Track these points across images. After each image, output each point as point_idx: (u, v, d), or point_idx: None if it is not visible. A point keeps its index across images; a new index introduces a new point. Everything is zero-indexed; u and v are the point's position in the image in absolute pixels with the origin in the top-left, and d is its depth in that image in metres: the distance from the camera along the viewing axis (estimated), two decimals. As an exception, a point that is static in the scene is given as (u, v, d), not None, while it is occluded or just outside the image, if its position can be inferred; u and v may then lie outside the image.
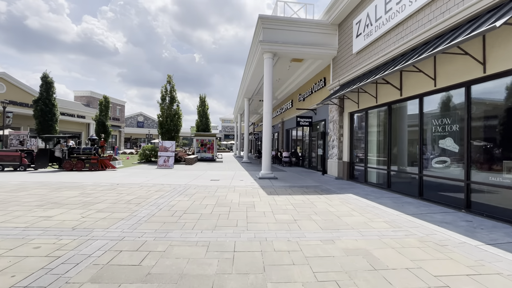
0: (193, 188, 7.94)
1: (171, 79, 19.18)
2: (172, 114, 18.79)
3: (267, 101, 10.93)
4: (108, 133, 33.91)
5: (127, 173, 11.48)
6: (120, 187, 7.85)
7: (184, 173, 12.25)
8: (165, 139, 18.81)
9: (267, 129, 10.97)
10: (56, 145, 12.28)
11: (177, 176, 11.01)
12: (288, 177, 11.31)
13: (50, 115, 25.48)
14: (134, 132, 62.17)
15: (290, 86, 17.19)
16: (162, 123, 18.66)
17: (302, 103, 16.20)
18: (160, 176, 10.86)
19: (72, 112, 35.16)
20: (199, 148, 22.57)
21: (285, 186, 8.75)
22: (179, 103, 19.36)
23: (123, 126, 50.12)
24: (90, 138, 12.58)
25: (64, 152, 11.96)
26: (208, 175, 11.45)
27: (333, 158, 11.14)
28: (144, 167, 14.98)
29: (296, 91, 17.68)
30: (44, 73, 25.67)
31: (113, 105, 45.90)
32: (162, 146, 15.10)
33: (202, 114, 27.29)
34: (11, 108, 26.54)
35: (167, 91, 18.88)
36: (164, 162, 14.85)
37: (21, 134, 19.31)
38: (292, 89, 17.66)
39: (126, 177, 10.31)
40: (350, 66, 10.01)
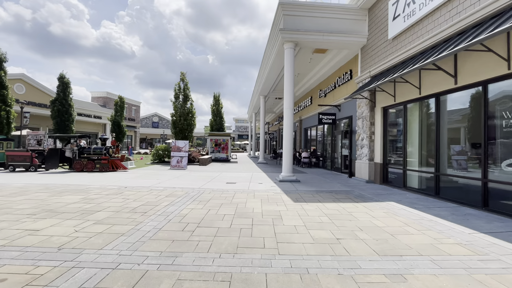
0: (207, 193, 7.04)
1: (185, 76, 18.53)
2: (186, 112, 18.12)
3: (288, 96, 9.89)
4: (123, 133, 33.99)
5: (138, 175, 10.80)
6: (128, 191, 7.07)
7: (198, 174, 11.43)
8: (178, 138, 18.18)
9: (288, 127, 9.93)
10: (67, 145, 11.82)
11: (191, 178, 10.18)
12: (311, 180, 10.22)
13: (66, 115, 25.64)
14: (149, 132, 62.84)
15: (310, 81, 16.04)
16: (175, 122, 18.04)
17: (323, 99, 15.01)
18: (172, 178, 10.08)
19: (88, 113, 35.57)
20: (213, 148, 21.84)
21: (311, 191, 7.68)
22: (192, 101, 18.69)
23: (139, 126, 50.56)
24: (101, 137, 12.05)
25: (74, 152, 11.45)
26: (224, 177, 10.56)
27: (362, 159, 9.93)
28: (156, 168, 14.33)
29: (316, 87, 16.50)
30: (61, 73, 25.87)
31: (128, 106, 46.33)
32: (175, 146, 14.40)
33: (216, 113, 26.56)
34: (30, 108, 26.98)
35: (181, 89, 18.24)
36: (177, 163, 14.14)
37: (38, 134, 19.34)
38: (312, 84, 16.49)
39: (136, 179, 9.60)
40: (384, 55, 8.79)
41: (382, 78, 8.00)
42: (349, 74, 11.56)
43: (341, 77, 12.36)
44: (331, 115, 12.67)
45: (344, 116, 12.40)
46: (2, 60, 18.26)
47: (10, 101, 18.53)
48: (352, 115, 11.38)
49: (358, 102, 10.37)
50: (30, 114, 27.22)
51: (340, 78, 12.54)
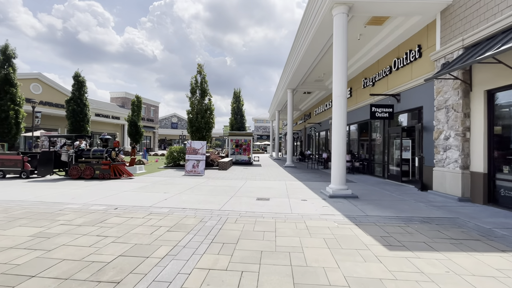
0: (233, 222, 4.55)
1: (202, 68, 16.32)
2: (204, 109, 15.90)
3: (340, 78, 7.19)
4: (140, 134, 32.72)
5: (143, 184, 8.59)
6: (114, 217, 4.75)
7: (218, 183, 9.02)
8: (195, 139, 15.99)
9: (339, 121, 7.25)
10: (63, 147, 9.90)
11: (208, 190, 7.78)
12: (371, 194, 7.45)
13: (81, 115, 24.50)
14: (168, 133, 62.25)
15: (352, 68, 13.15)
16: (192, 121, 15.86)
17: (369, 89, 12.09)
18: (184, 189, 7.73)
19: (106, 113, 34.76)
20: (233, 149, 19.51)
21: (391, 218, 4.95)
22: (211, 96, 16.42)
23: (157, 127, 49.69)
24: (102, 137, 10.01)
25: (71, 155, 9.49)
26: (250, 188, 8.06)
27: (447, 166, 7.01)
28: (169, 173, 12.15)
29: (359, 75, 13.58)
30: (76, 72, 24.80)
31: (147, 106, 45.50)
32: (191, 148, 12.15)
33: (236, 111, 24.21)
34: (47, 109, 26.24)
35: (197, 83, 16.04)
36: (193, 168, 11.86)
37: (51, 135, 18.04)
38: (353, 72, 13.59)
39: (138, 192, 7.34)
40: (486, 14, 5.87)
41: (487, 47, 5.12)
42: (416, 52, 8.62)
43: (403, 57, 9.43)
44: (387, 107, 9.75)
45: (405, 108, 9.46)
46: (10, 57, 17.09)
47: (19, 100, 17.33)
48: (423, 105, 8.43)
49: (437, 86, 7.44)
50: (45, 114, 26.53)
51: (400, 59, 9.61)
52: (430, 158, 7.84)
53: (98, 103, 35.38)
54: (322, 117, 20.66)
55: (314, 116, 23.22)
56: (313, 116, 23.71)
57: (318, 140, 23.27)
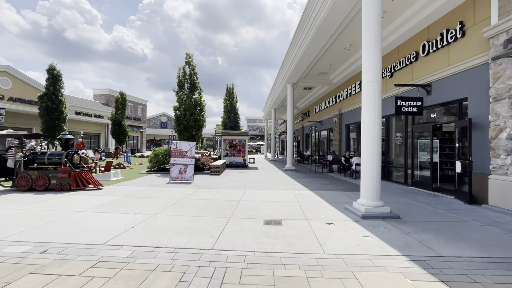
0: (236, 282, 2.65)
1: (191, 59, 14.30)
2: (193, 105, 13.88)
3: (372, 55, 5.40)
4: (124, 134, 30.28)
5: (111, 199, 6.57)
6: (30, 276, 2.77)
7: (209, 196, 7.09)
8: (183, 139, 13.98)
9: (372, 113, 5.45)
10: (9, 150, 7.73)
11: (197, 208, 5.84)
12: (413, 211, 5.68)
13: (56, 113, 21.93)
14: (157, 133, 59.63)
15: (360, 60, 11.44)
16: (179, 118, 13.81)
17: (386, 80, 10.41)
18: (165, 207, 5.77)
19: (88, 112, 32.08)
20: (226, 150, 17.59)
21: (480, 260, 3.18)
22: (201, 91, 14.42)
23: (145, 127, 47.08)
24: (61, 137, 7.89)
25: (18, 160, 7.35)
26: (252, 203, 6.17)
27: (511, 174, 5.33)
28: (151, 180, 10.12)
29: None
30: (51, 65, 22.26)
31: (133, 104, 42.93)
32: (177, 150, 10.15)
33: (229, 108, 22.18)
34: (18, 106, 23.55)
35: (186, 75, 14.01)
36: (180, 174, 9.88)
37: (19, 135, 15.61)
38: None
39: (99, 213, 5.32)
40: None
41: None
42: (458, 30, 6.94)
43: (436, 39, 7.75)
44: (416, 100, 8.01)
45: (439, 101, 7.78)
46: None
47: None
48: (467, 96, 6.74)
49: (495, 70, 5.76)
50: (16, 112, 23.81)
51: (431, 43, 7.93)
52: (483, 163, 6.15)
53: (79, 101, 32.69)
54: (323, 115, 18.97)
55: (314, 114, 21.54)
56: (313, 115, 22.03)
57: (318, 140, 21.59)
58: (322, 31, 9.10)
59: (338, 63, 12.75)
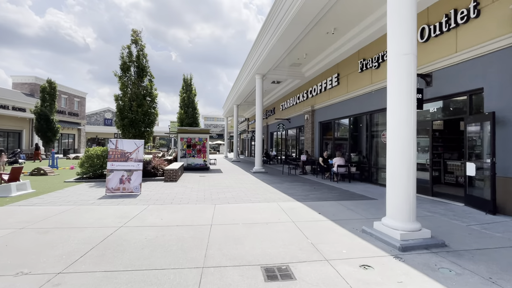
0: None
1: (139, 37, 11.42)
2: (141, 94, 11.05)
3: (408, 22, 3.85)
4: (54, 131, 24.90)
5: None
6: None
7: (164, 220, 4.81)
8: (129, 137, 11.08)
9: (406, 99, 3.91)
10: None
11: (144, 246, 3.56)
12: (447, 232, 4.31)
13: None
14: (100, 131, 52.27)
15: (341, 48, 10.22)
16: (122, 110, 10.84)
17: (371, 72, 9.34)
18: (83, 254, 3.36)
19: (4, 103, 25.66)
20: (184, 150, 15.03)
21: None
22: (153, 77, 11.65)
23: (84, 123, 40.52)
24: None
25: None
26: (232, 229, 4.13)
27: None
28: (76, 194, 7.25)
29: (352, 56, 10.76)
30: None
31: (68, 96, 36.44)
32: (117, 151, 7.45)
33: (187, 102, 19.33)
34: None
35: (132, 56, 11.09)
36: (121, 183, 7.23)
37: None
38: (342, 54, 10.67)
39: None
40: None
41: None
42: (471, 9, 5.93)
43: (439, 22, 6.72)
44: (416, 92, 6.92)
45: (443, 93, 6.78)
46: None
47: None
48: (483, 86, 5.74)
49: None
50: None
51: (432, 27, 6.90)
52: (508, 165, 5.15)
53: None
54: (291, 112, 17.67)
55: (281, 111, 20.18)
56: (279, 112, 20.67)
57: (285, 139, 20.30)
58: (304, 13, 7.47)
59: (316, 51, 11.37)
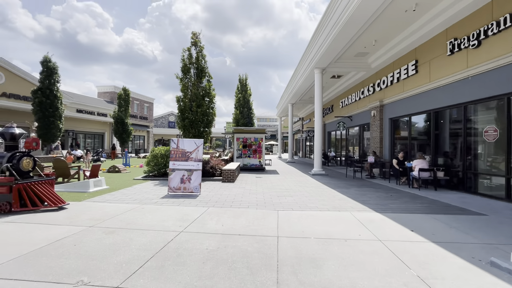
0: None
1: (198, 38, 11.63)
2: (200, 95, 11.20)
3: None
4: (128, 133, 28.06)
5: (60, 235, 3.94)
6: None
7: (225, 226, 4.36)
8: (189, 137, 11.34)
9: None
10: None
11: (204, 259, 3.10)
12: None
13: (51, 109, 19.73)
14: (165, 133, 57.50)
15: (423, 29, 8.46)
16: (183, 111, 11.15)
17: (466, 53, 7.44)
18: (142, 264, 3.06)
19: (91, 109, 30.01)
20: (240, 151, 14.88)
21: None
22: (211, 77, 11.74)
23: (152, 126, 45.03)
24: (4, 132, 5.29)
25: None
26: (303, 245, 3.38)
27: None
28: (142, 192, 7.48)
29: (439, 36, 8.90)
30: (45, 56, 20.03)
31: (140, 102, 40.90)
32: (178, 150, 7.46)
33: (242, 103, 19.39)
34: (13, 102, 21.51)
35: (192, 58, 11.35)
36: (182, 183, 7.19)
37: None
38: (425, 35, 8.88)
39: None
40: None
41: None
42: None
43: None
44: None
45: None
46: None
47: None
48: None
49: None
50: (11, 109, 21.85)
51: None
52: None
53: (81, 98, 30.67)
54: (353, 108, 15.99)
55: (340, 108, 18.56)
56: (338, 109, 19.06)
57: (346, 138, 18.60)
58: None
59: (389, 36, 9.80)
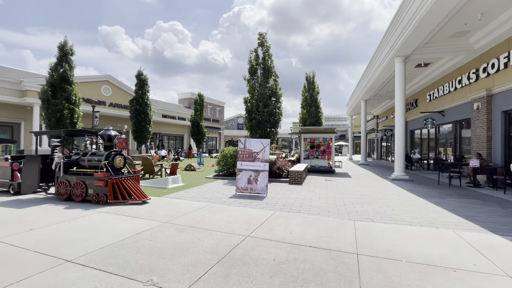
0: None
1: (265, 38, 11.58)
2: (267, 95, 11.11)
3: None
4: (202, 134, 30.66)
5: (140, 228, 4.25)
6: None
7: (294, 234, 3.94)
8: (256, 137, 11.39)
9: None
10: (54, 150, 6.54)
11: (272, 271, 2.76)
12: None
13: (143, 115, 23.24)
14: (234, 135, 60.83)
15: None
16: (250, 111, 11.27)
17: None
18: (208, 268, 2.94)
19: (173, 114, 34.09)
20: (307, 151, 14.18)
21: None
22: (277, 77, 11.53)
23: (223, 128, 48.25)
24: (103, 134, 6.18)
25: (58, 163, 5.98)
26: (392, 269, 2.66)
27: None
28: (212, 191, 7.75)
29: None
30: (139, 70, 23.71)
31: (212, 106, 44.33)
32: (245, 150, 7.45)
33: (309, 102, 18.57)
34: (116, 110, 26.19)
35: (259, 59, 11.38)
36: (249, 183, 7.13)
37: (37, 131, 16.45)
38: None
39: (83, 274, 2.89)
40: None
41: None
42: None
43: None
44: None
45: None
46: (68, 53, 16.02)
47: (75, 99, 16.15)
48: None
49: None
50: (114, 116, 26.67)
51: None
52: None
53: (165, 104, 35.20)
54: (446, 101, 13.27)
55: (427, 103, 15.76)
56: (424, 103, 16.24)
57: (434, 138, 15.68)
58: None
59: (501, 6, 7.62)
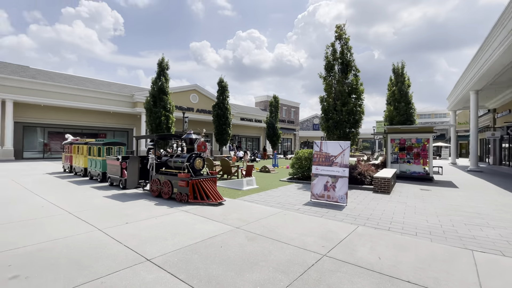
0: None
1: (343, 31, 10.54)
2: (346, 92, 10.06)
3: None
4: (277, 136, 30.90)
5: (212, 232, 4.29)
6: None
7: (383, 262, 3.20)
8: (333, 139, 10.49)
9: None
10: (149, 151, 7.53)
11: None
12: None
13: (224, 119, 25.18)
14: (310, 135, 59.29)
15: None
16: (327, 111, 10.43)
17: None
18: None
19: (250, 117, 35.74)
20: (396, 154, 12.21)
21: None
22: (358, 71, 10.31)
23: (298, 129, 47.62)
24: (186, 137, 6.70)
25: (151, 163, 6.84)
26: None
27: None
28: (286, 195, 7.43)
29: None
30: (220, 78, 25.84)
31: (287, 108, 44.31)
32: (321, 154, 6.82)
33: (397, 97, 15.90)
34: (202, 116, 29.24)
35: (336, 53, 10.43)
36: (326, 190, 6.49)
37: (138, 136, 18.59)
38: None
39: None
40: None
41: None
42: None
43: None
44: None
45: None
46: (164, 68, 18.78)
47: (169, 107, 18.78)
48: None
49: None
50: (200, 121, 29.86)
51: None
52: None
53: (243, 108, 37.22)
54: None
55: None
56: None
57: None
58: None
59: None
